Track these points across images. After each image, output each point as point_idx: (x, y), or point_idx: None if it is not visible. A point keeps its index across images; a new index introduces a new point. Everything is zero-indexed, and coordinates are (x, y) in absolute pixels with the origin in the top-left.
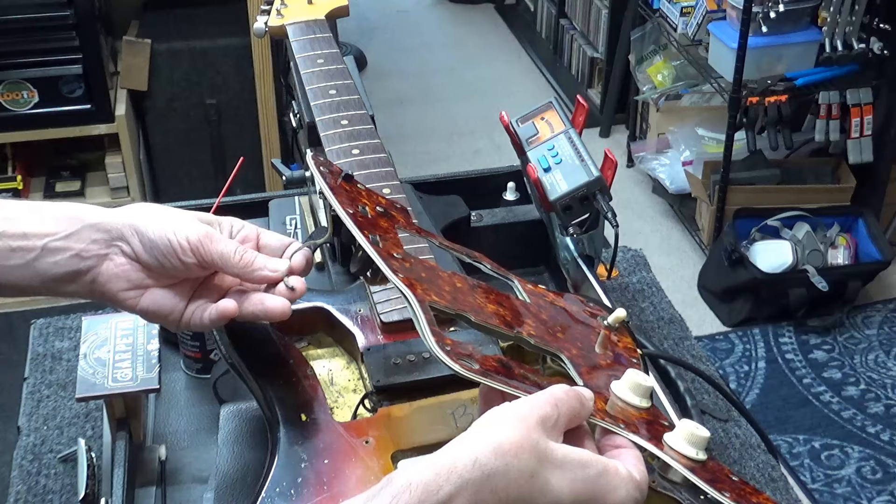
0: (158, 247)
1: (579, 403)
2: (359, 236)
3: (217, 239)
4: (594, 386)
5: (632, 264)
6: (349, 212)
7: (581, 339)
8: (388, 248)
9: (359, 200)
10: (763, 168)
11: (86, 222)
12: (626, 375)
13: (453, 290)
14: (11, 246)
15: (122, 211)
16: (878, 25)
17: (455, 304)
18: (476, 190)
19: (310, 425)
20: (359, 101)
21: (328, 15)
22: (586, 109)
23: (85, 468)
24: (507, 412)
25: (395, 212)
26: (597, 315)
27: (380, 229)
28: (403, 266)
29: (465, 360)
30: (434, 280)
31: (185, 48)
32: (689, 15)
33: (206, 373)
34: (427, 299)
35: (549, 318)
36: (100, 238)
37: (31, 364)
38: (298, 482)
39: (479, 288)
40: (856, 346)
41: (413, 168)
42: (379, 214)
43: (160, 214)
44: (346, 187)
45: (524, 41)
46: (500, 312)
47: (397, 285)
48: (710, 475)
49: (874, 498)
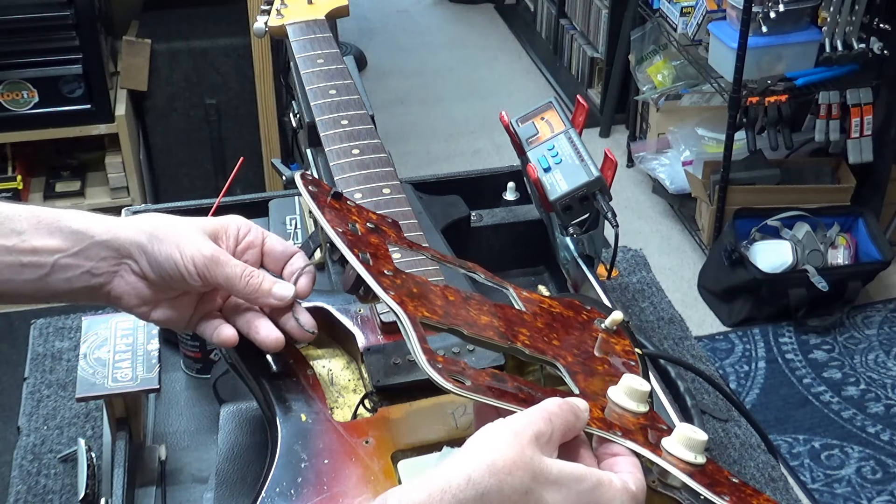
0: (165, 269)
1: (574, 416)
2: (349, 255)
3: (223, 262)
4: (591, 393)
5: (632, 264)
6: (339, 231)
7: (578, 345)
8: (378, 266)
9: (349, 218)
10: (763, 168)
11: (94, 239)
12: (622, 381)
13: (445, 304)
14: (23, 261)
15: (129, 227)
16: (878, 25)
17: (447, 318)
18: (476, 190)
19: (310, 425)
20: (359, 101)
21: (328, 15)
22: (586, 109)
23: (85, 468)
24: (500, 429)
25: (385, 227)
26: (594, 318)
27: (370, 247)
28: (394, 283)
29: (458, 376)
30: (426, 295)
31: (185, 48)
32: (689, 15)
33: (206, 373)
34: (418, 316)
35: (545, 326)
36: (109, 256)
37: (31, 364)
38: (298, 482)
39: (472, 299)
40: (856, 346)
41: (413, 168)
42: (369, 231)
43: (167, 232)
44: (336, 205)
45: (524, 41)
46: (493, 324)
47: (388, 303)
48: (709, 479)
49: (874, 498)
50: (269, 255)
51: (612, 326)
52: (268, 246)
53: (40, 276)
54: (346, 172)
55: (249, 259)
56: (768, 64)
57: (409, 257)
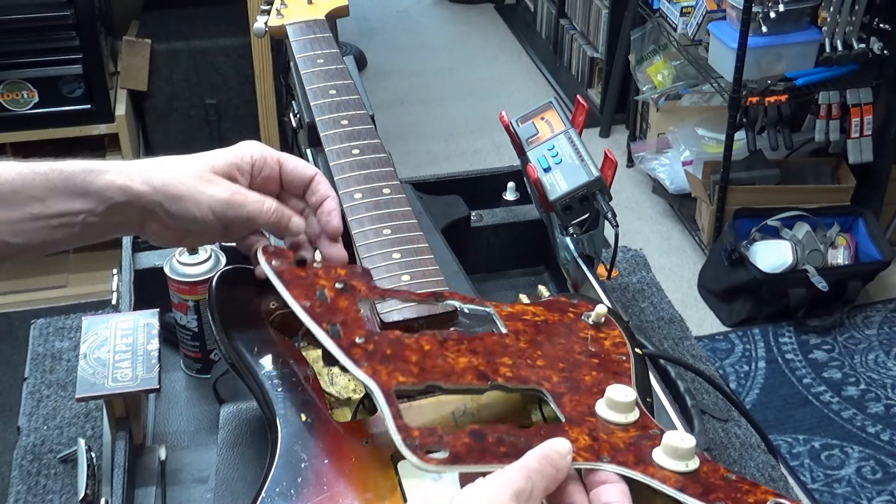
0: (185, 221)
1: (554, 469)
2: (318, 333)
3: (240, 203)
4: (578, 415)
5: (632, 264)
6: (306, 305)
7: (564, 356)
8: (349, 335)
9: (316, 284)
10: (763, 168)
11: (114, 201)
12: (607, 393)
13: (421, 358)
14: (52, 224)
15: (143, 185)
16: (878, 25)
17: (423, 375)
18: (476, 190)
19: (310, 425)
20: (359, 101)
21: (328, 15)
22: (586, 109)
23: (85, 468)
24: (480, 491)
25: (356, 281)
26: (582, 313)
27: (339, 314)
28: (366, 351)
29: (434, 448)
30: (400, 353)
31: (185, 48)
32: (689, 15)
33: (206, 373)
34: (393, 384)
35: (528, 344)
36: (132, 213)
37: (31, 364)
38: (298, 482)
39: (449, 340)
40: (856, 346)
41: (413, 168)
42: (339, 293)
43: (180, 188)
44: (302, 273)
45: (524, 41)
46: (472, 363)
47: (361, 379)
48: (703, 485)
49: (874, 498)
50: (288, 180)
51: (599, 319)
52: (286, 171)
53: (72, 233)
54: (346, 172)
55: (269, 187)
56: (768, 64)
57: (404, 246)
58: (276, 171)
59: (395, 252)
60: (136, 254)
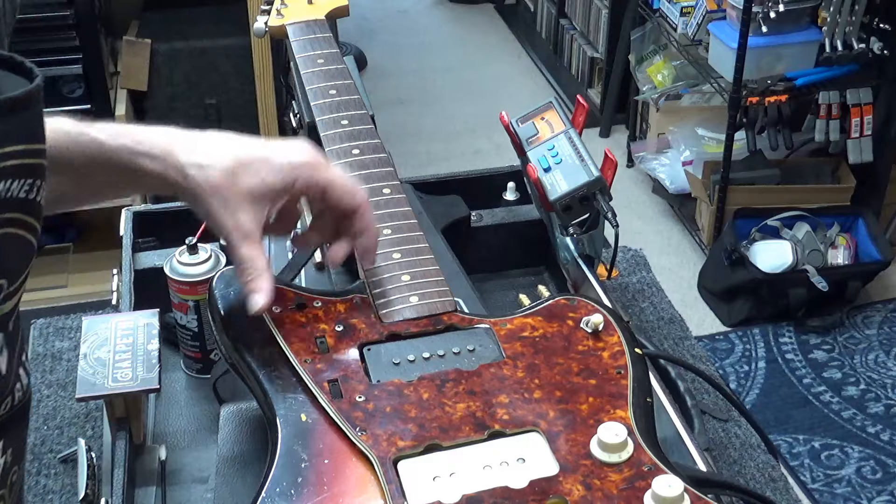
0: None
1: None
2: (320, 396)
3: (246, 245)
4: (573, 458)
5: (632, 264)
6: (307, 363)
7: (562, 379)
8: (350, 394)
9: (316, 329)
10: (763, 168)
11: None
12: (598, 433)
13: (420, 406)
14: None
15: (181, 185)
16: (878, 25)
17: (422, 433)
18: (476, 190)
19: (310, 425)
20: (359, 101)
21: (328, 15)
22: (586, 109)
23: (85, 468)
24: None
25: (356, 319)
26: (581, 318)
27: (340, 367)
28: (366, 411)
29: None
30: (399, 408)
31: (185, 48)
32: (689, 15)
33: (206, 373)
34: (391, 453)
35: (526, 371)
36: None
37: (31, 364)
38: (298, 482)
39: (447, 383)
40: (856, 346)
41: (413, 168)
42: (339, 337)
43: (204, 196)
44: (302, 318)
45: (524, 41)
46: (470, 409)
47: (363, 448)
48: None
49: (874, 498)
50: (332, 206)
51: (597, 327)
52: (331, 199)
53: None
54: (346, 172)
55: (292, 215)
56: (768, 64)
57: (404, 246)
58: (318, 197)
59: (395, 252)
60: (136, 254)
